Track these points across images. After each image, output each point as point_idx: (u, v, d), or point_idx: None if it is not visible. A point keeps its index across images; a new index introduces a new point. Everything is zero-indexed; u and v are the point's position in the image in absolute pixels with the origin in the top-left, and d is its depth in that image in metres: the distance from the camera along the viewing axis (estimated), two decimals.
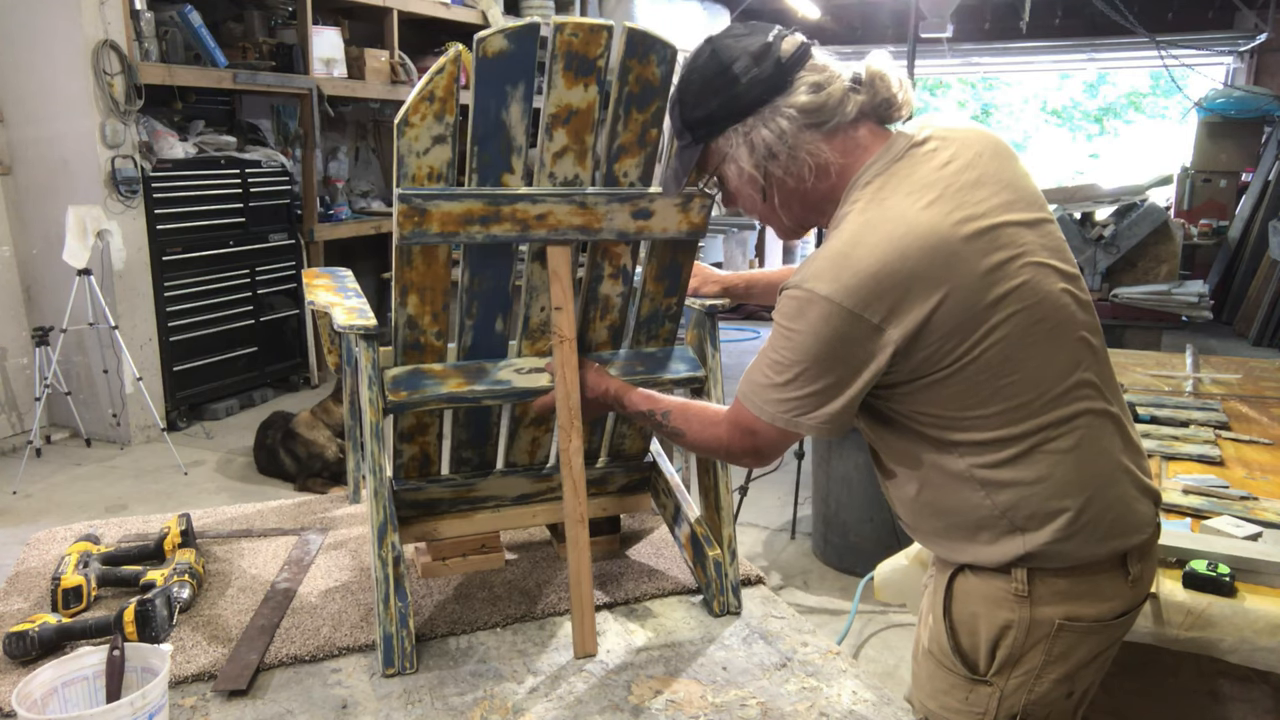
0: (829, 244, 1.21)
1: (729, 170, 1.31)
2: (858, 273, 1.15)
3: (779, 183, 1.28)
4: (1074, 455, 1.22)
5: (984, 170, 1.22)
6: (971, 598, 1.29)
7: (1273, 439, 2.38)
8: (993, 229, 1.18)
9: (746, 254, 9.66)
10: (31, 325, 4.78)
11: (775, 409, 1.26)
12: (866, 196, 1.22)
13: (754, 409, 1.28)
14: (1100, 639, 1.28)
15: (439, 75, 1.39)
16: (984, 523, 1.25)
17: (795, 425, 1.25)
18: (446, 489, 1.75)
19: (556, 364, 1.58)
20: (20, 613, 1.65)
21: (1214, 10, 9.04)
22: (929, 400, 1.21)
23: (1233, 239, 8.33)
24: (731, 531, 1.71)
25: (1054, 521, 1.21)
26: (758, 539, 3.87)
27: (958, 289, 1.15)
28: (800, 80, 1.24)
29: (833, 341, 1.18)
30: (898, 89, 1.27)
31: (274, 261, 5.66)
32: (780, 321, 1.23)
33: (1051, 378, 1.21)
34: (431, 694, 1.44)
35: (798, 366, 1.21)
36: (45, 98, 4.64)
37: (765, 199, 1.31)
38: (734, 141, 1.27)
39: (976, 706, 1.30)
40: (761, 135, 1.24)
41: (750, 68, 1.23)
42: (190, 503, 4.08)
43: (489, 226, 1.49)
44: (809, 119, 1.23)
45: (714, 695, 1.44)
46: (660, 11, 8.11)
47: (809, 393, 1.22)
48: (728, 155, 1.29)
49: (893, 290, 1.15)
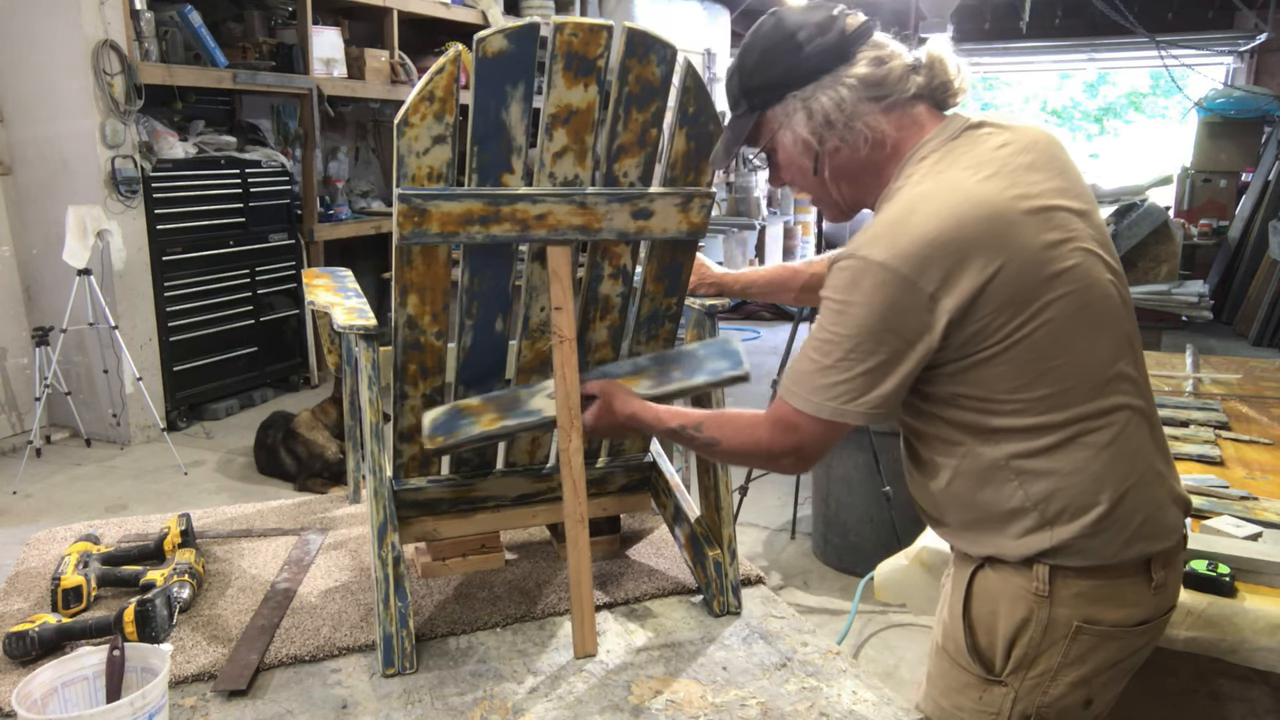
0: (883, 214, 1.20)
1: (784, 138, 1.29)
2: (914, 238, 1.14)
3: (833, 153, 1.27)
4: (1111, 450, 1.22)
5: (1038, 156, 1.23)
6: (991, 595, 1.28)
7: (1273, 439, 2.38)
8: (1048, 209, 1.18)
9: (746, 254, 9.67)
10: (31, 325, 4.78)
11: (822, 397, 1.21)
12: (922, 170, 1.22)
13: (798, 402, 1.24)
14: (1120, 646, 1.26)
15: (439, 75, 1.39)
16: (1014, 514, 1.24)
17: (843, 414, 1.21)
18: (446, 489, 1.75)
19: (556, 364, 1.58)
20: (20, 613, 1.65)
21: (1214, 10, 9.04)
22: (975, 381, 1.20)
23: (1233, 239, 8.33)
24: (731, 531, 1.71)
25: (1084, 516, 1.21)
26: (758, 539, 3.87)
27: (1013, 261, 1.15)
28: (862, 53, 1.24)
29: (887, 311, 1.15)
30: (955, 74, 1.28)
31: (274, 261, 5.66)
32: (831, 296, 1.20)
33: (1096, 366, 1.21)
34: (431, 694, 1.44)
35: (849, 342, 1.17)
36: (45, 98, 4.64)
37: (816, 170, 1.30)
38: (792, 108, 1.26)
39: (990, 707, 1.29)
40: (821, 102, 1.23)
41: (814, 36, 1.23)
42: (190, 503, 4.08)
43: (489, 226, 1.49)
44: (869, 91, 1.23)
45: (714, 695, 1.44)
46: (660, 11, 8.11)
47: (860, 373, 1.18)
48: (784, 123, 1.28)
49: (948, 257, 1.13)
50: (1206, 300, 4.42)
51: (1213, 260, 8.50)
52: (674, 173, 1.58)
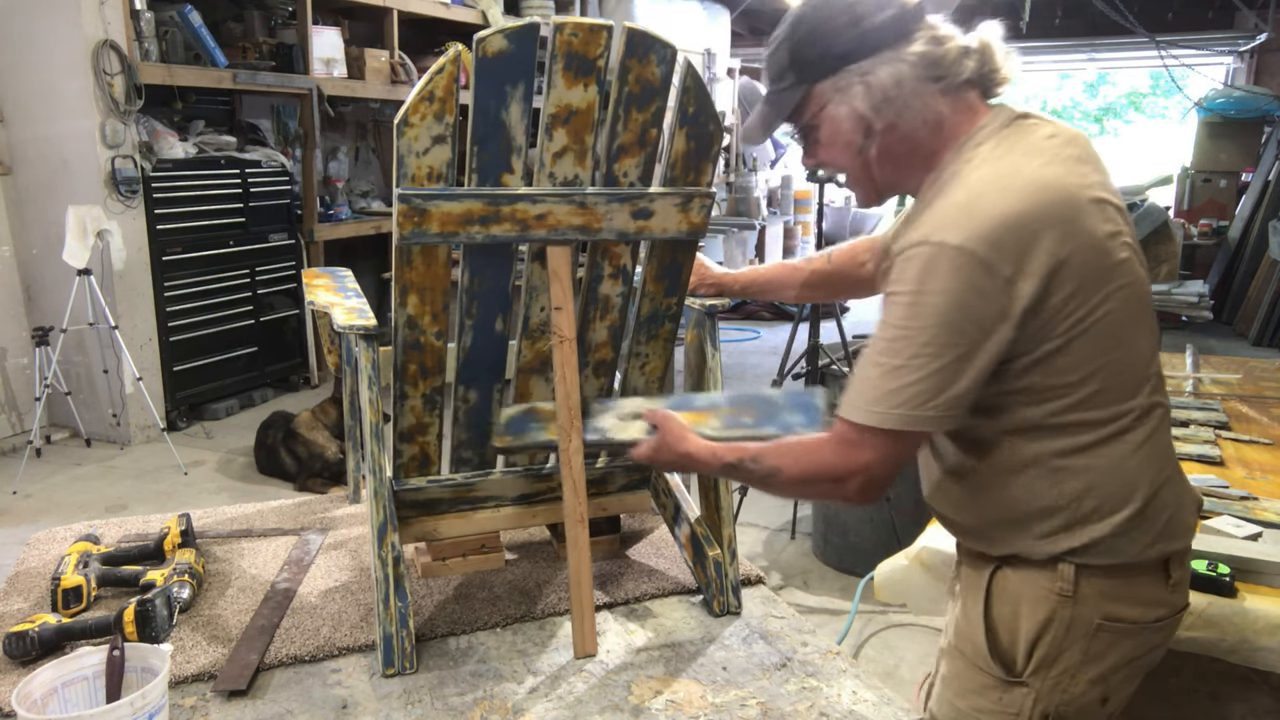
0: (947, 197, 1.15)
1: (837, 113, 1.22)
2: (988, 220, 1.10)
3: (886, 131, 1.21)
4: (1145, 449, 1.21)
5: (1083, 151, 1.22)
6: (1012, 596, 1.27)
7: (1273, 439, 2.38)
8: (1102, 201, 1.17)
9: (746, 254, 9.66)
10: (31, 325, 4.78)
11: (891, 403, 1.13)
12: (981, 155, 1.18)
13: (859, 415, 1.16)
14: (1137, 643, 1.26)
15: (439, 75, 1.39)
16: (1044, 513, 1.22)
17: (914, 422, 1.13)
18: (446, 489, 1.75)
19: (556, 364, 1.58)
20: (20, 613, 1.65)
21: (1214, 10, 9.04)
22: (1038, 375, 1.17)
23: (1233, 239, 8.32)
24: (731, 531, 1.71)
25: (1116, 515, 1.20)
26: (758, 539, 3.87)
27: (1081, 248, 1.13)
28: (920, 31, 1.19)
29: (965, 297, 1.10)
30: (1003, 62, 1.24)
31: (274, 261, 5.65)
32: (899, 289, 1.13)
33: (1139, 363, 1.21)
34: (431, 694, 1.44)
35: (925, 334, 1.11)
36: (45, 98, 4.64)
37: (862, 150, 1.24)
38: (846, 82, 1.20)
39: (1010, 708, 1.28)
40: (880, 78, 1.18)
41: (873, 10, 1.19)
42: (190, 503, 4.08)
43: (489, 226, 1.49)
44: (927, 70, 1.19)
45: (714, 695, 1.44)
46: (660, 11, 8.11)
47: (933, 370, 1.11)
48: (835, 98, 1.22)
49: (1022, 238, 1.10)
50: (1206, 300, 4.43)
51: (1213, 260, 8.50)
52: (674, 173, 1.58)
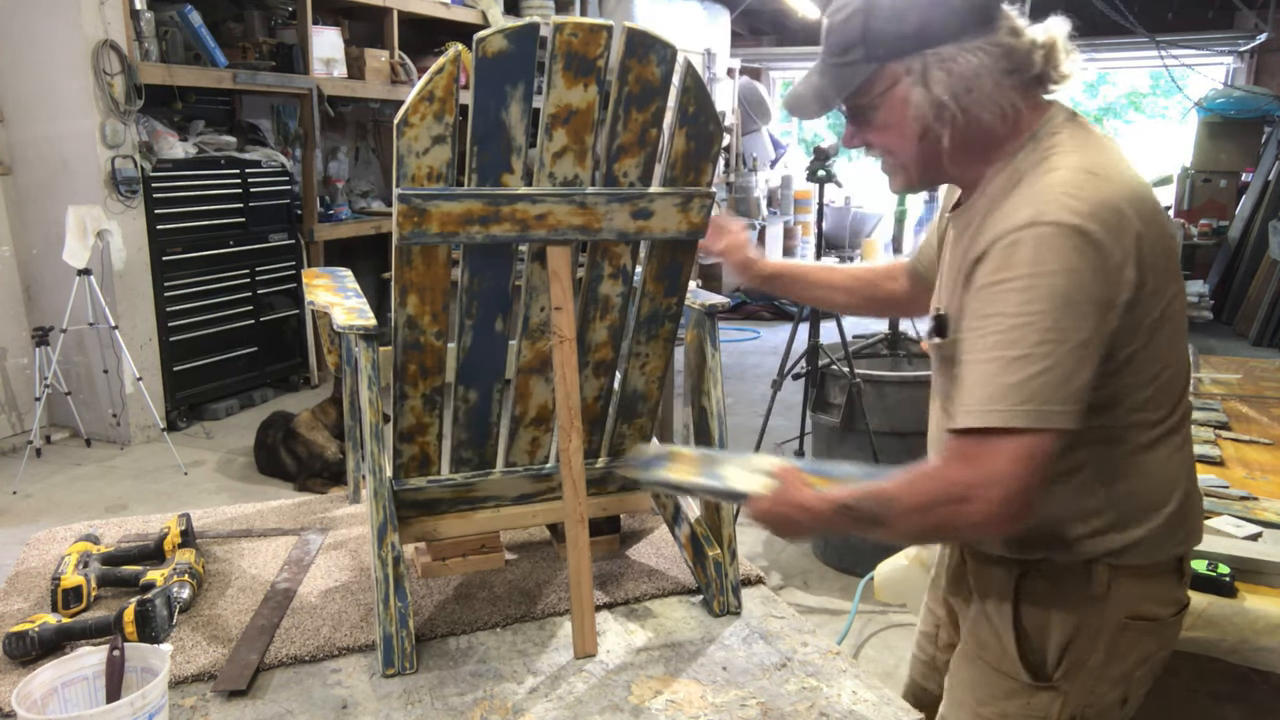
0: (1043, 183, 1.11)
1: (908, 96, 1.16)
2: (1100, 202, 1.06)
3: (962, 118, 1.15)
4: (1182, 452, 1.22)
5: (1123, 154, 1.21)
6: (1042, 599, 1.26)
7: (1273, 439, 2.38)
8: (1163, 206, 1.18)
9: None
10: (31, 325, 4.78)
11: (1017, 398, 1.03)
12: (1062, 145, 1.15)
13: (981, 418, 1.05)
14: (1155, 640, 1.27)
15: (438, 75, 1.39)
16: (1086, 515, 1.21)
17: (1045, 418, 1.04)
18: (446, 489, 1.75)
19: (556, 364, 1.58)
20: (20, 613, 1.65)
21: (1214, 10, 9.04)
22: (1128, 370, 1.14)
23: (1233, 239, 8.32)
24: (731, 531, 1.71)
25: (1156, 516, 1.20)
26: (758, 539, 3.87)
27: (1160, 244, 1.11)
28: (1003, 20, 1.15)
29: (1085, 278, 1.04)
30: (1064, 59, 1.19)
31: (274, 261, 5.66)
32: (1007, 275, 1.06)
33: (1185, 367, 1.21)
34: (431, 694, 1.44)
35: (1046, 319, 1.03)
36: (45, 98, 4.64)
37: (925, 137, 1.18)
38: (926, 65, 1.14)
39: (1038, 712, 1.27)
40: (962, 65, 1.12)
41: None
42: (190, 503, 4.08)
43: (489, 226, 1.49)
44: (1007, 61, 1.14)
45: (714, 695, 1.44)
46: (660, 11, 8.11)
47: (1061, 357, 1.03)
48: (907, 80, 1.15)
49: (1126, 226, 1.07)
50: (1206, 300, 4.43)
51: (1213, 260, 8.50)
52: (674, 173, 1.58)
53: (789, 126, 13.86)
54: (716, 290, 6.47)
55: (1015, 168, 1.17)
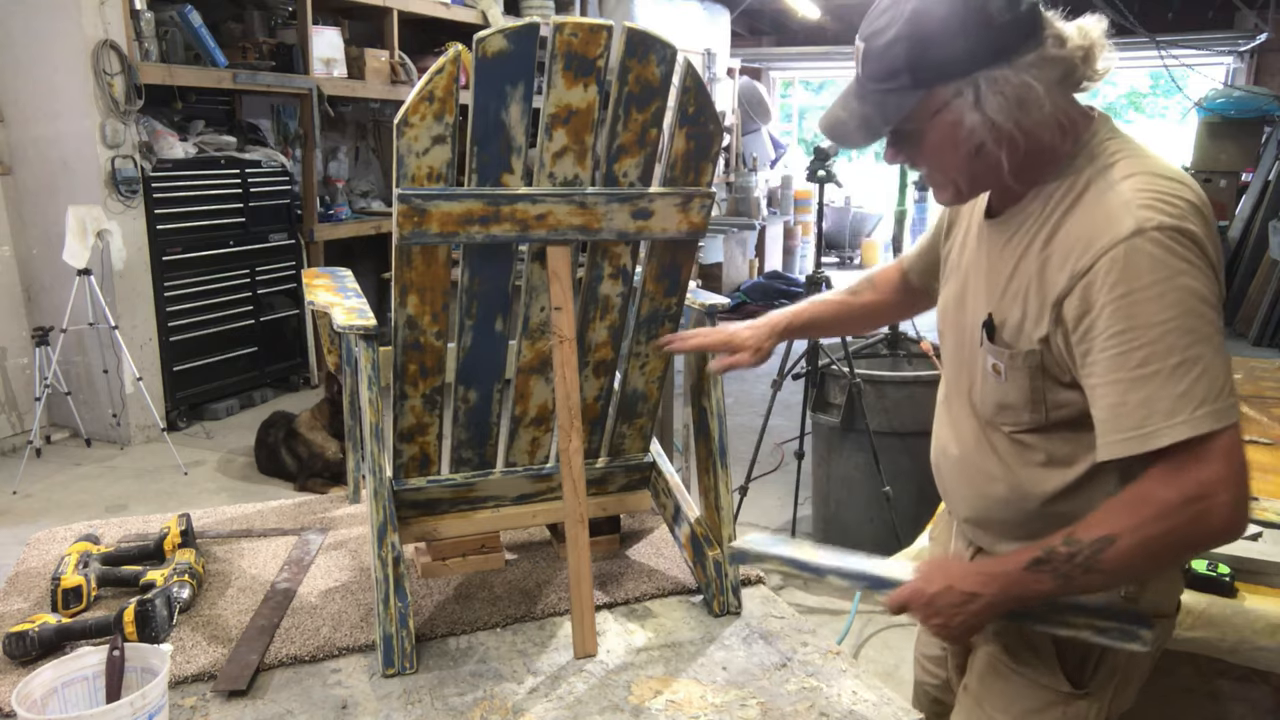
0: (1124, 187, 1.08)
1: (964, 118, 1.11)
2: (1188, 204, 1.06)
3: (1018, 137, 1.12)
4: None
5: None
6: None
7: (1273, 439, 2.38)
8: None
9: (746, 254, 9.67)
10: (31, 325, 4.78)
11: (1193, 405, 1.01)
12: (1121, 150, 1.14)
13: (1173, 434, 1.01)
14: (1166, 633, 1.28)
15: (438, 75, 1.39)
16: None
17: (1223, 415, 1.02)
18: (446, 489, 1.75)
19: (556, 364, 1.58)
20: (20, 613, 1.65)
21: (1214, 10, 9.04)
22: None
23: (1233, 239, 8.32)
24: (731, 531, 1.71)
25: None
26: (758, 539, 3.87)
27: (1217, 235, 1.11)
28: (1048, 30, 1.11)
29: (1206, 275, 1.04)
30: (1100, 54, 1.15)
31: (274, 261, 5.65)
32: (1139, 285, 1.02)
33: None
34: (431, 694, 1.44)
35: (1188, 320, 1.01)
36: (45, 98, 4.64)
37: (978, 155, 1.14)
38: (976, 89, 1.09)
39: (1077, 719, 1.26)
40: (1015, 84, 1.08)
41: (1005, 10, 1.08)
42: (190, 503, 4.08)
43: (489, 227, 1.49)
44: (1057, 73, 1.11)
45: (714, 695, 1.44)
46: (660, 11, 8.11)
47: (1211, 355, 1.01)
48: (956, 103, 1.11)
49: (1208, 220, 1.08)
50: None
51: None
52: (674, 173, 1.58)
53: (789, 126, 13.86)
54: (716, 290, 6.47)
55: (1075, 176, 1.14)
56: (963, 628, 1.16)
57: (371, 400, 1.56)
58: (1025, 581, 1.11)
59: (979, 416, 1.28)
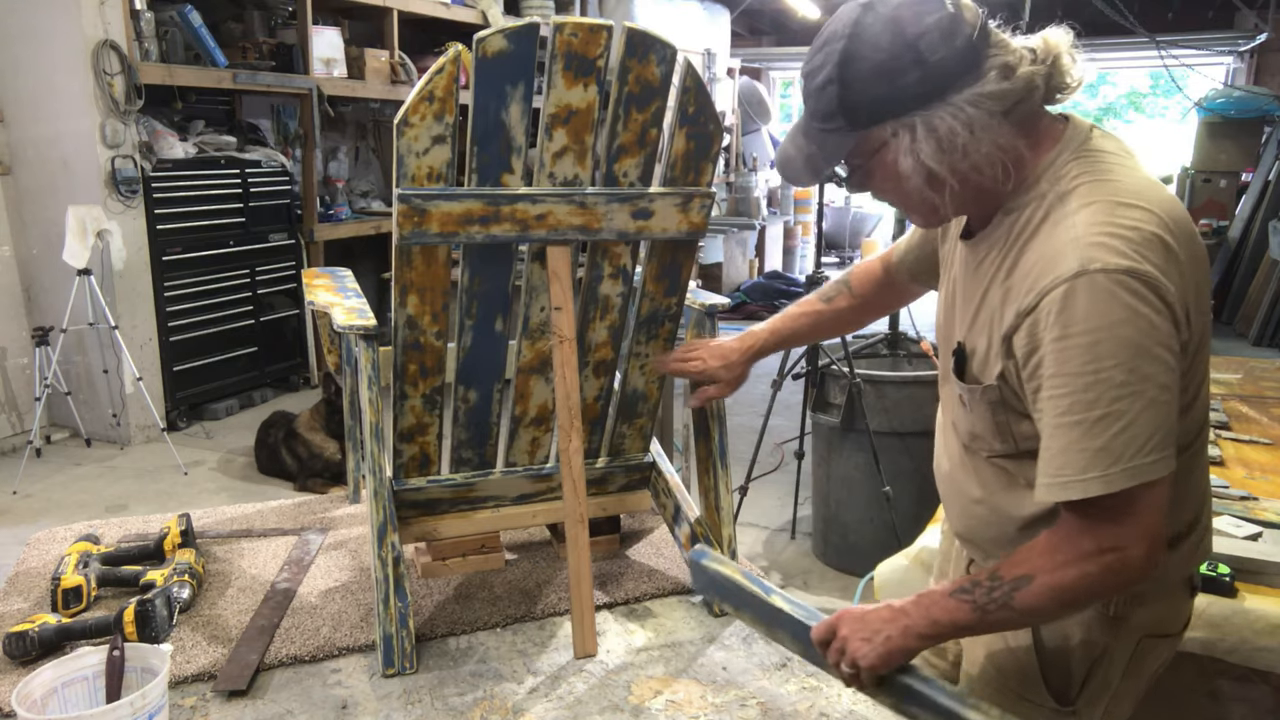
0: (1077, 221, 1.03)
1: (900, 160, 1.09)
2: (1144, 237, 1.00)
3: (961, 176, 1.08)
4: (1200, 471, 1.21)
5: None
6: (1063, 624, 1.23)
7: (1273, 439, 2.38)
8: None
9: (746, 254, 9.67)
10: (31, 325, 4.78)
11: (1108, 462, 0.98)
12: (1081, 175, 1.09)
13: (1085, 490, 1.00)
14: (1164, 652, 1.27)
15: (438, 75, 1.39)
16: None
17: (1139, 473, 0.99)
18: (446, 489, 1.75)
19: (556, 364, 1.58)
20: (20, 613, 1.65)
21: (1214, 10, 9.04)
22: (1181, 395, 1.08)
23: (1233, 239, 8.33)
24: (731, 531, 1.71)
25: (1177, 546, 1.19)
26: (758, 539, 3.87)
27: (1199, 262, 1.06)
28: (991, 62, 1.05)
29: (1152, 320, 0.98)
30: (1069, 67, 1.10)
31: (274, 261, 5.65)
32: (1074, 330, 1.00)
33: (1209, 386, 1.18)
34: (431, 694, 1.44)
35: (1119, 374, 0.98)
36: (45, 98, 4.64)
37: (926, 192, 1.11)
38: (911, 131, 1.06)
39: None
40: (948, 124, 1.04)
41: (939, 46, 1.03)
42: (190, 503, 4.08)
43: (489, 227, 1.49)
44: (1000, 105, 1.05)
45: (714, 695, 1.44)
46: (660, 11, 8.11)
47: (1140, 410, 0.98)
48: (893, 144, 1.09)
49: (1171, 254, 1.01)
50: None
51: (1212, 260, 8.49)
52: (674, 173, 1.58)
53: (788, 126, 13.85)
54: (716, 290, 6.46)
55: (1038, 202, 1.11)
56: (884, 647, 1.12)
57: (371, 400, 1.56)
58: (947, 606, 1.10)
59: (960, 439, 1.27)
